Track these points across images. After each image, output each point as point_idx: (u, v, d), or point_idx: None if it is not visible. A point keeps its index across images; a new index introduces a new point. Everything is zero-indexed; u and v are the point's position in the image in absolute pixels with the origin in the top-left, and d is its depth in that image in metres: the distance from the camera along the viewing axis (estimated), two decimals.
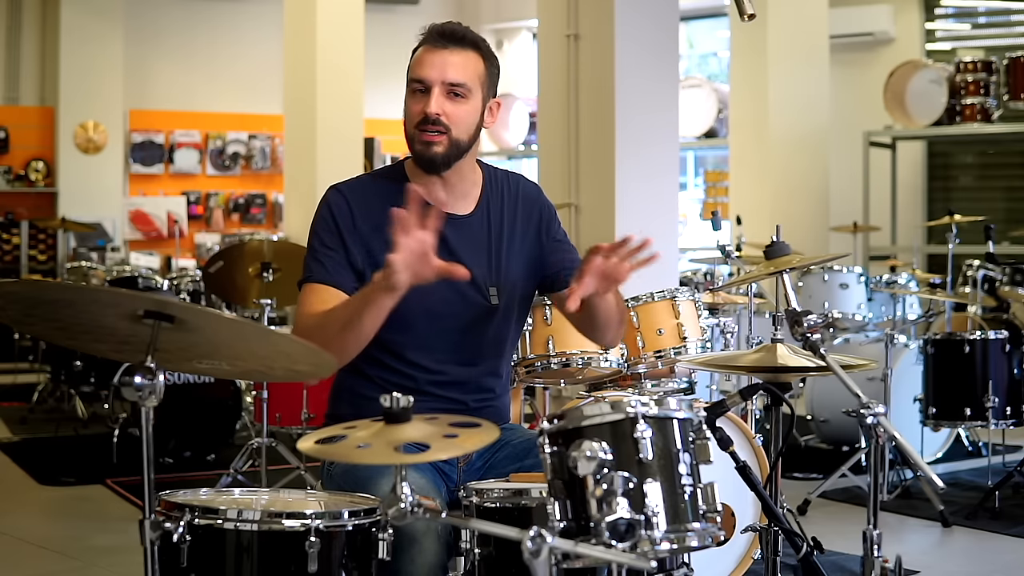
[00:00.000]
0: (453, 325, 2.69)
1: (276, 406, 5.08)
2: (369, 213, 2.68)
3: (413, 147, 2.68)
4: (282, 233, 10.84)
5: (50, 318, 2.14)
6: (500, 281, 2.74)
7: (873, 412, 2.26)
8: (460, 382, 2.72)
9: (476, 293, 2.70)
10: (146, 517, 2.07)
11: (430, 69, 2.64)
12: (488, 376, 2.77)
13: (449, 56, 2.64)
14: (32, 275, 10.59)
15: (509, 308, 2.77)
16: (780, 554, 2.85)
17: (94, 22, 11.01)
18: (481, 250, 2.73)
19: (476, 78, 2.67)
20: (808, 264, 3.21)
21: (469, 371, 2.73)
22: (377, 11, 11.00)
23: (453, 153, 2.67)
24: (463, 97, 2.65)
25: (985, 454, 5.93)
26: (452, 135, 2.64)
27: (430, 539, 2.34)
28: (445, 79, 2.63)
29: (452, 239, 2.68)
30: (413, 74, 2.67)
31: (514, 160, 12.15)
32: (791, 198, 9.34)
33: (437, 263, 2.39)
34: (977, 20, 10.72)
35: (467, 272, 2.49)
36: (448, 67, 2.63)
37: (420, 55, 2.68)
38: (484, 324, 2.73)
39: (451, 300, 2.67)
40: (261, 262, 5.49)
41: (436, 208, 2.42)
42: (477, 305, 2.70)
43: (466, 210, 2.75)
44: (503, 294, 2.74)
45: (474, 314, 2.70)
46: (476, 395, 2.75)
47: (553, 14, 5.74)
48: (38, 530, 5.06)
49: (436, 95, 2.62)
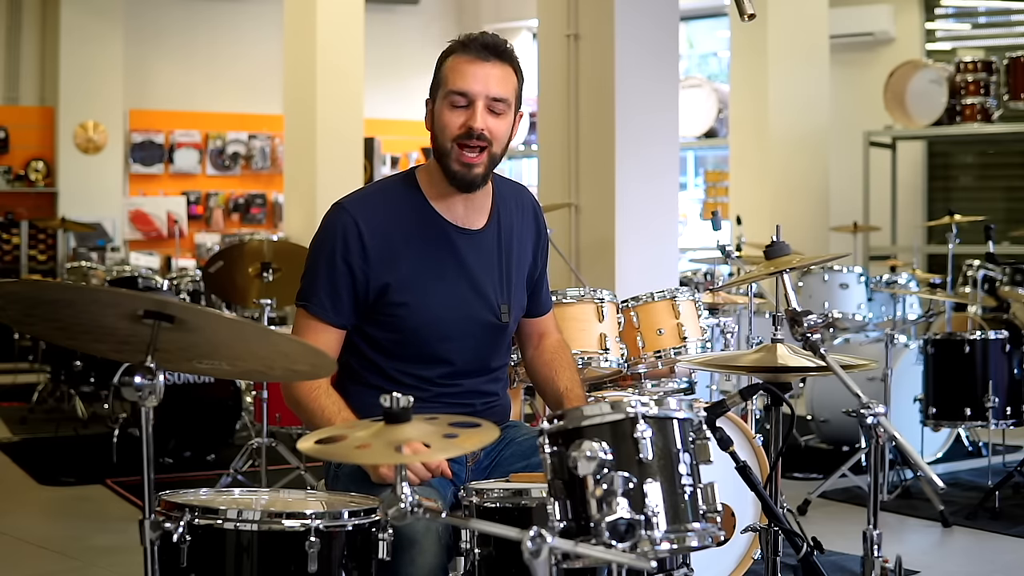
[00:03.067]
0: (464, 344, 2.70)
1: (276, 406, 5.08)
2: (380, 235, 2.63)
3: (448, 163, 2.62)
4: (282, 233, 10.83)
5: (50, 318, 2.14)
6: (510, 298, 2.76)
7: (873, 412, 2.26)
8: (466, 391, 2.73)
9: (489, 313, 2.72)
10: (146, 517, 2.07)
11: (474, 82, 2.59)
12: (492, 383, 2.80)
13: (492, 70, 2.61)
14: (32, 275, 10.59)
15: (515, 319, 2.81)
16: (780, 554, 2.84)
17: (94, 22, 11.01)
18: (492, 266, 2.74)
19: (513, 93, 2.66)
20: (808, 264, 3.20)
21: (475, 381, 2.75)
22: (377, 11, 11.00)
23: (490, 170, 2.67)
24: (503, 113, 2.63)
25: (985, 454, 5.93)
26: (491, 150, 2.63)
27: (430, 540, 2.34)
28: (489, 94, 2.60)
29: (467, 255, 2.69)
30: (454, 86, 2.60)
31: (514, 160, 12.15)
32: (791, 198, 9.34)
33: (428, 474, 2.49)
34: (977, 20, 10.72)
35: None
36: (491, 81, 2.60)
37: (460, 66, 2.61)
38: (493, 340, 2.75)
39: (465, 324, 2.68)
40: (261, 262, 5.49)
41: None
42: (489, 325, 2.72)
43: (479, 224, 2.74)
44: (512, 310, 2.76)
45: (485, 333, 2.73)
46: (481, 399, 2.77)
47: (553, 14, 5.73)
48: (38, 530, 5.06)
49: (480, 110, 2.59)
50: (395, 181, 2.78)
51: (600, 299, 3.66)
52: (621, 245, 5.40)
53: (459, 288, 2.68)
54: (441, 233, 2.68)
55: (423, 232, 2.67)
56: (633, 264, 5.42)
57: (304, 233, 8.82)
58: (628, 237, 5.42)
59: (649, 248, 5.49)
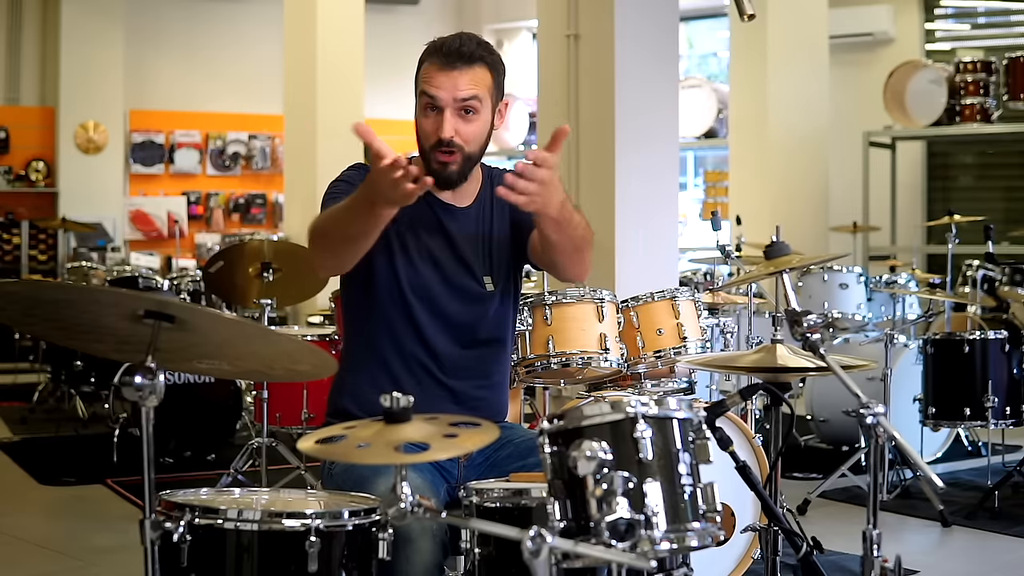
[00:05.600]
0: (452, 312, 2.77)
1: (276, 406, 5.08)
2: None
3: (429, 165, 2.72)
4: (282, 233, 10.83)
5: (50, 318, 2.14)
6: (493, 269, 2.83)
7: (873, 412, 2.26)
8: (461, 367, 2.78)
9: (473, 282, 2.80)
10: (146, 517, 2.07)
11: (439, 90, 2.67)
12: (488, 361, 2.84)
13: (459, 77, 2.67)
14: (32, 275, 10.59)
15: (505, 291, 2.86)
16: (780, 554, 2.85)
17: (94, 22, 11.01)
18: (476, 240, 2.83)
19: (486, 90, 2.72)
20: (808, 264, 3.21)
21: (469, 354, 2.79)
22: (377, 11, 11.00)
23: (467, 168, 2.76)
24: (475, 112, 2.70)
25: (985, 454, 5.93)
26: (465, 152, 2.71)
27: (425, 539, 2.35)
28: (457, 96, 2.67)
29: (452, 229, 2.80)
30: (424, 88, 2.70)
31: (514, 160, 12.13)
32: (791, 198, 9.34)
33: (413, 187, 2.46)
34: (977, 20, 10.72)
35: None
36: (458, 88, 2.67)
37: (429, 72, 2.70)
38: (482, 309, 2.81)
39: (449, 292, 2.77)
40: (261, 262, 5.48)
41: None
42: (474, 293, 2.79)
43: (465, 203, 2.84)
44: (498, 281, 2.83)
45: (472, 301, 2.79)
46: (476, 381, 2.81)
47: (553, 14, 5.74)
48: (38, 530, 5.06)
49: (448, 117, 2.67)
50: None
51: (600, 299, 3.66)
52: (621, 245, 5.40)
53: (442, 255, 2.77)
54: (426, 206, 2.77)
55: (410, 206, 2.70)
56: (633, 264, 5.42)
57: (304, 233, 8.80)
58: (628, 237, 5.42)
59: (649, 248, 5.49)
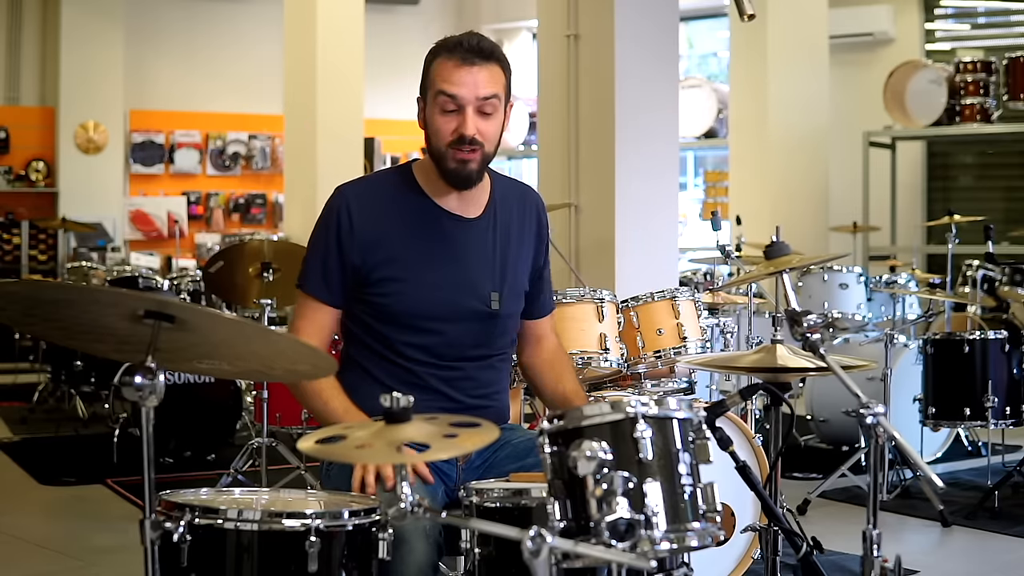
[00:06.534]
0: (456, 327, 2.73)
1: (276, 406, 5.08)
2: (372, 216, 2.71)
3: (444, 164, 2.69)
4: (282, 233, 10.83)
5: (50, 318, 2.14)
6: (503, 286, 2.78)
7: (873, 412, 2.26)
8: (462, 378, 2.75)
9: (477, 300, 2.75)
10: (146, 517, 2.07)
11: (461, 87, 2.64)
12: (488, 371, 2.81)
13: (479, 73, 2.66)
14: (32, 275, 10.59)
15: (510, 309, 2.81)
16: (780, 554, 2.85)
17: (94, 22, 11.02)
18: (486, 254, 2.78)
19: (502, 88, 2.71)
20: (808, 264, 3.21)
21: (469, 367, 2.76)
22: (377, 11, 11.00)
23: (484, 166, 2.73)
24: (493, 111, 2.69)
25: (985, 454, 5.93)
26: (484, 150, 2.69)
27: (419, 539, 2.35)
28: (478, 95, 2.65)
29: (459, 241, 2.74)
30: (443, 88, 2.66)
31: (514, 160, 12.15)
32: (791, 198, 9.34)
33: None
34: (977, 20, 10.72)
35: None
36: (480, 85, 2.65)
37: (447, 71, 2.66)
38: (486, 326, 2.77)
39: (453, 308, 2.72)
40: (261, 262, 5.49)
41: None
42: (479, 311, 2.75)
43: (474, 214, 2.80)
44: (505, 299, 2.78)
45: (478, 320, 2.75)
46: (477, 391, 2.78)
47: (553, 14, 5.73)
48: (38, 530, 5.06)
49: (470, 115, 2.65)
50: (393, 171, 2.87)
51: (600, 299, 3.66)
52: (621, 245, 5.40)
53: (448, 272, 2.73)
54: (434, 219, 2.74)
55: (416, 217, 2.73)
56: (633, 264, 5.42)
57: (304, 233, 8.76)
58: (628, 237, 5.42)
59: (649, 248, 5.49)
